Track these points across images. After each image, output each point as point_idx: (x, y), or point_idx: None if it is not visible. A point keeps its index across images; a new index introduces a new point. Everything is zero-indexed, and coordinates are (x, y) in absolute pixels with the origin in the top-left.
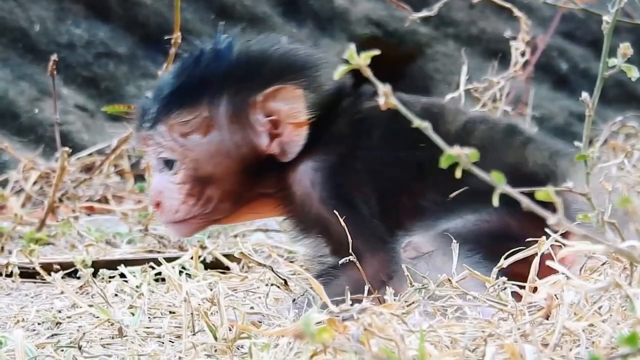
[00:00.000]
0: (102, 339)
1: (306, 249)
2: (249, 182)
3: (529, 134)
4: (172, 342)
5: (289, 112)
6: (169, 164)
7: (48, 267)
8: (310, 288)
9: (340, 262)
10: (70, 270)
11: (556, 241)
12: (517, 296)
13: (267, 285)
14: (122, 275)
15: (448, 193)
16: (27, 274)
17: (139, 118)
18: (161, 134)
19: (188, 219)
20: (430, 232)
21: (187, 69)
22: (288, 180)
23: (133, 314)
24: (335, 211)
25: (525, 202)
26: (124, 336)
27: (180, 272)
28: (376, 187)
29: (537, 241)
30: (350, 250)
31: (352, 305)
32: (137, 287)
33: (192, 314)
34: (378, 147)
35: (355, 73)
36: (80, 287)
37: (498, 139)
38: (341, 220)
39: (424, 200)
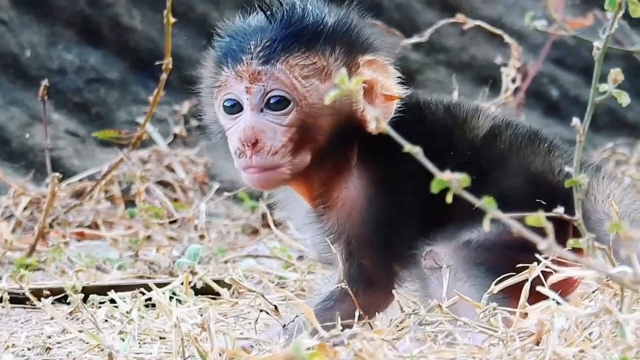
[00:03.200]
0: None
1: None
2: (334, 147)
3: (552, 140)
4: None
5: (384, 83)
6: (280, 104)
7: (38, 293)
8: (301, 313)
9: (332, 289)
10: (60, 296)
11: (552, 263)
12: (507, 322)
13: (257, 311)
14: (112, 301)
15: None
16: (17, 299)
17: (243, 52)
18: (281, 71)
19: (277, 166)
20: (452, 242)
21: (297, 17)
22: (346, 177)
23: (123, 340)
24: (371, 228)
25: (516, 227)
26: None
27: (171, 297)
28: (419, 200)
29: (527, 267)
30: (366, 280)
31: (343, 330)
32: (127, 312)
33: (182, 339)
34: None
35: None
36: (71, 313)
37: (524, 145)
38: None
39: (454, 209)
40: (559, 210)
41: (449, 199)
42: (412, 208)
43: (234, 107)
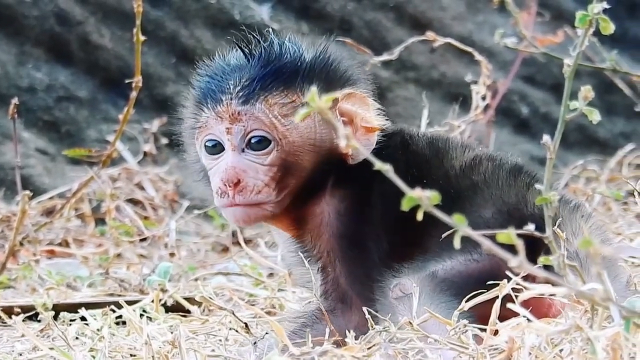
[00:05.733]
0: None
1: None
2: (314, 182)
3: (533, 175)
4: None
5: (363, 115)
6: (260, 143)
7: (9, 310)
8: (272, 331)
9: (306, 307)
10: (31, 314)
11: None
12: (478, 339)
13: (227, 328)
14: (83, 319)
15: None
16: None
17: (223, 92)
18: (261, 110)
19: (261, 203)
20: (418, 274)
21: (275, 55)
22: (320, 201)
23: (94, 357)
24: (345, 249)
25: (487, 244)
26: None
27: (141, 315)
28: (387, 223)
29: (498, 284)
30: (340, 297)
31: (313, 348)
32: (98, 330)
33: (153, 357)
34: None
35: None
36: (41, 330)
37: (502, 178)
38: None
39: (428, 236)
40: (530, 227)
41: (419, 216)
42: (381, 232)
43: (215, 148)
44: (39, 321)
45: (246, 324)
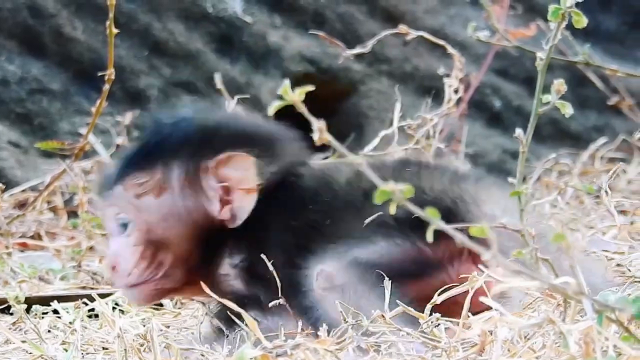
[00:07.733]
0: None
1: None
2: (200, 252)
3: (422, 164)
4: None
5: (240, 178)
6: (124, 225)
7: None
8: (244, 324)
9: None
10: (3, 307)
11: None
12: (451, 332)
13: (200, 321)
14: (56, 312)
15: (361, 220)
16: None
17: (101, 184)
18: (118, 194)
19: (140, 283)
20: (342, 260)
21: (146, 137)
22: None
23: (66, 350)
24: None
25: (459, 238)
26: None
27: (114, 308)
28: (287, 248)
29: (468, 277)
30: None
31: (285, 341)
32: (70, 323)
33: (125, 350)
34: (287, 211)
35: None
36: (14, 323)
37: (388, 172)
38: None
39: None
40: (503, 221)
41: (392, 209)
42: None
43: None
44: (11, 314)
45: (219, 317)
